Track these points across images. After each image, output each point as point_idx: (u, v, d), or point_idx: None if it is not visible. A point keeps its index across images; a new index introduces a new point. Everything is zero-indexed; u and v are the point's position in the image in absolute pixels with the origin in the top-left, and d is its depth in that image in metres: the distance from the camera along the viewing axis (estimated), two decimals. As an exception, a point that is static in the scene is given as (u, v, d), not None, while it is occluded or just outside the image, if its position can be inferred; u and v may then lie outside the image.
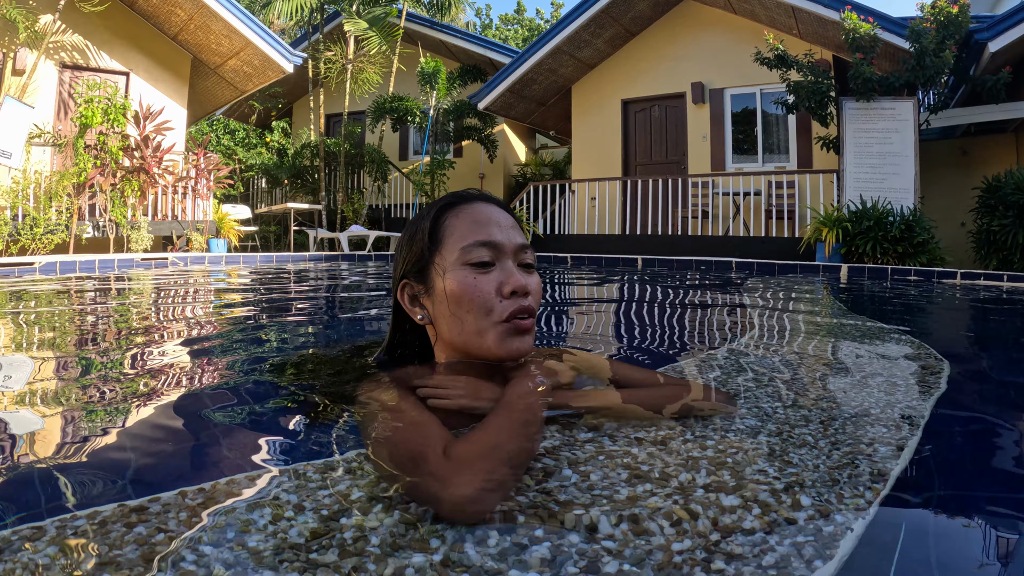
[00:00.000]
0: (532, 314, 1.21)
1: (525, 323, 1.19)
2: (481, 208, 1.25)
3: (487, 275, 1.18)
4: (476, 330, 1.18)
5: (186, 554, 0.61)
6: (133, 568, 0.58)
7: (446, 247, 1.21)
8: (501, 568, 0.60)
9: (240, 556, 0.61)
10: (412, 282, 1.27)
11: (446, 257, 1.21)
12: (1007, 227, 8.06)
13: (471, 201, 1.26)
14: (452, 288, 1.18)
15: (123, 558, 0.59)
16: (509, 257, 1.21)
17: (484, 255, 1.19)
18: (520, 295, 1.18)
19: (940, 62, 8.51)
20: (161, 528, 0.66)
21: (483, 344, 1.19)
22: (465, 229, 1.21)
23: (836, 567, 0.61)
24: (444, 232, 1.23)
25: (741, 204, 10.70)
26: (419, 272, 1.25)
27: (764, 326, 2.69)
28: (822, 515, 0.71)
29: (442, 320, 1.23)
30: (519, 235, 1.25)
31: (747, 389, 1.36)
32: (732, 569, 0.60)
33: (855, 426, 1.08)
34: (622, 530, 0.67)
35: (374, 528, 0.67)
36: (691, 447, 0.94)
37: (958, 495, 0.87)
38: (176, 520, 0.68)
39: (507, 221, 1.25)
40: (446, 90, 13.08)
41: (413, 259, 1.26)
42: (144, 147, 9.63)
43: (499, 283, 1.18)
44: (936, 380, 1.46)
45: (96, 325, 2.63)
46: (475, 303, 1.17)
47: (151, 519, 0.68)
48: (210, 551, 0.62)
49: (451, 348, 1.25)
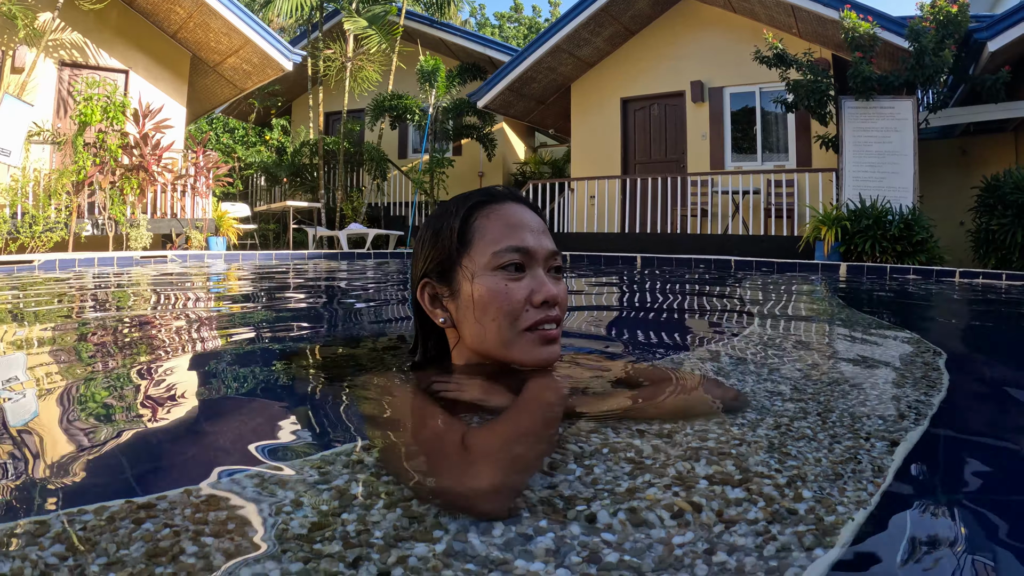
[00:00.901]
0: (559, 323, 1.18)
1: (552, 332, 1.16)
2: (513, 210, 1.20)
3: (519, 282, 1.15)
4: (502, 339, 1.15)
5: (188, 547, 0.61)
6: (136, 566, 0.58)
7: (476, 249, 1.16)
8: (507, 558, 0.60)
9: (243, 547, 0.61)
10: (434, 282, 1.22)
11: (476, 260, 1.16)
12: (1006, 226, 8.07)
13: (502, 200, 1.21)
14: (481, 293, 1.14)
15: (129, 557, 0.60)
16: (540, 264, 1.18)
17: (517, 260, 1.15)
18: (550, 305, 1.16)
19: (939, 61, 8.51)
20: (168, 524, 0.66)
21: (509, 353, 1.16)
22: (498, 232, 1.16)
23: (838, 555, 0.61)
24: (474, 233, 1.17)
25: (740, 203, 10.71)
26: (443, 273, 1.20)
27: (764, 322, 2.69)
28: (823, 506, 0.71)
29: (466, 325, 1.19)
30: (549, 240, 1.21)
31: (747, 382, 1.36)
32: (734, 560, 0.60)
33: (853, 419, 1.08)
34: (620, 520, 0.67)
35: (377, 522, 0.67)
36: (692, 439, 0.94)
37: (962, 486, 0.87)
38: (182, 516, 0.68)
39: (539, 225, 1.21)
40: (445, 88, 13.07)
41: (438, 258, 1.20)
42: (143, 145, 9.62)
43: (530, 291, 1.15)
44: (937, 375, 1.46)
45: (101, 321, 2.63)
46: (503, 311, 1.14)
47: (159, 515, 0.68)
48: (211, 543, 0.62)
49: (473, 353, 1.22)
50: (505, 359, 1.17)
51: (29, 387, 1.35)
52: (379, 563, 0.59)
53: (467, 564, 0.59)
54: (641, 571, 0.58)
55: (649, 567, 0.59)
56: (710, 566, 0.59)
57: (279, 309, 3.27)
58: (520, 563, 0.59)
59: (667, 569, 0.59)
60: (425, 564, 0.59)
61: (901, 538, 0.69)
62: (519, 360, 1.16)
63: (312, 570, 0.57)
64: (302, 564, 0.58)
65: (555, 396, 1.08)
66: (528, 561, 0.60)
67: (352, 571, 0.58)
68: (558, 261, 1.21)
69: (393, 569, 0.58)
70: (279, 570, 0.57)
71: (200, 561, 0.58)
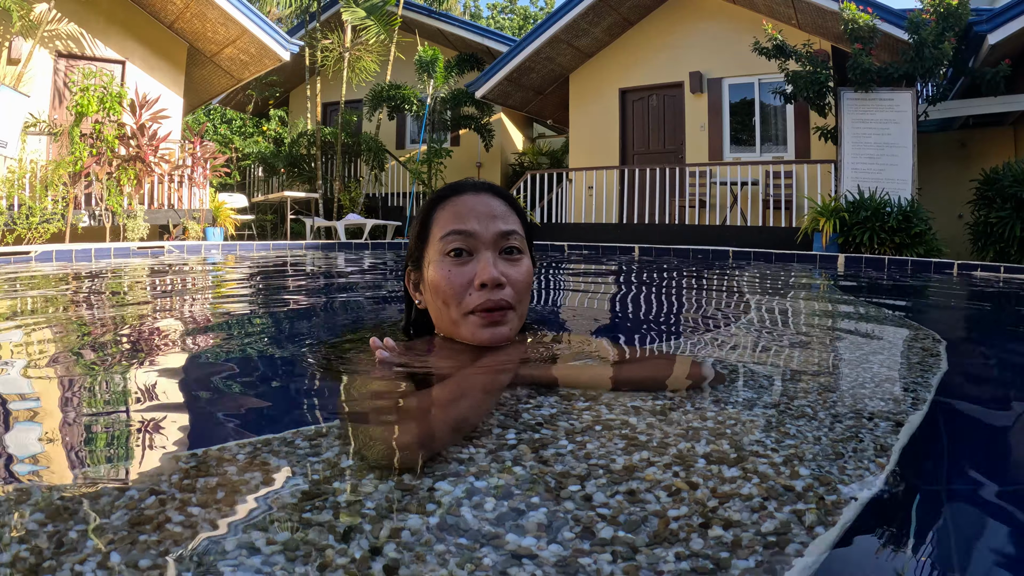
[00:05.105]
0: (505, 306, 1.21)
1: (493, 316, 1.20)
2: (467, 199, 1.27)
3: (463, 267, 1.21)
4: (451, 319, 1.24)
5: (173, 516, 0.60)
6: (118, 533, 0.57)
7: (431, 239, 1.27)
8: (499, 532, 0.60)
9: (228, 516, 0.60)
10: (413, 269, 1.35)
11: (431, 249, 1.26)
12: (1004, 219, 8.07)
13: (461, 192, 1.30)
14: (432, 278, 1.24)
15: (110, 525, 0.59)
16: (488, 247, 1.22)
17: (458, 244, 1.21)
18: (490, 287, 1.19)
19: (939, 54, 8.48)
20: (154, 491, 0.65)
21: (459, 332, 1.24)
22: (445, 220, 1.25)
23: (837, 534, 0.60)
24: (431, 224, 1.28)
25: (739, 194, 10.69)
26: (416, 261, 1.33)
27: (762, 308, 2.68)
28: (824, 484, 0.70)
29: (430, 306, 1.30)
30: (504, 222, 1.25)
31: (747, 366, 1.35)
32: (730, 535, 0.59)
33: (855, 399, 1.08)
34: (617, 500, 0.67)
35: (369, 493, 0.66)
36: (691, 417, 0.93)
37: (967, 468, 0.87)
38: (168, 483, 0.67)
39: (491, 210, 1.25)
40: (443, 78, 13.01)
41: (413, 248, 1.34)
42: (140, 135, 9.57)
43: (474, 274, 1.20)
44: (935, 360, 1.46)
45: (94, 307, 2.62)
46: (447, 294, 1.21)
47: (144, 483, 0.67)
48: (197, 512, 0.61)
49: (441, 332, 1.32)
50: (457, 338, 1.25)
51: (18, 359, 1.34)
52: (371, 536, 0.58)
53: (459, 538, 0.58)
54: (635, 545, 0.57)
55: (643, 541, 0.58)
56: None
57: (271, 295, 3.26)
58: (511, 536, 0.59)
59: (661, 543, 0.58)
60: (419, 539, 0.58)
61: (905, 519, 0.68)
62: (467, 340, 1.23)
63: (300, 540, 0.57)
64: (289, 534, 0.57)
65: (492, 369, 1.10)
66: (520, 536, 0.59)
67: (343, 544, 0.57)
68: (512, 242, 1.25)
69: (385, 545, 0.57)
70: (264, 539, 0.56)
71: (186, 530, 0.58)
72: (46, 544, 0.55)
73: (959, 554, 0.63)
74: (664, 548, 0.57)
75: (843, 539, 0.60)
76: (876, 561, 0.61)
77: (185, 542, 0.56)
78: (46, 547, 0.55)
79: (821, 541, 0.58)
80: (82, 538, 0.56)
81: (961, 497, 0.77)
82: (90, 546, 0.55)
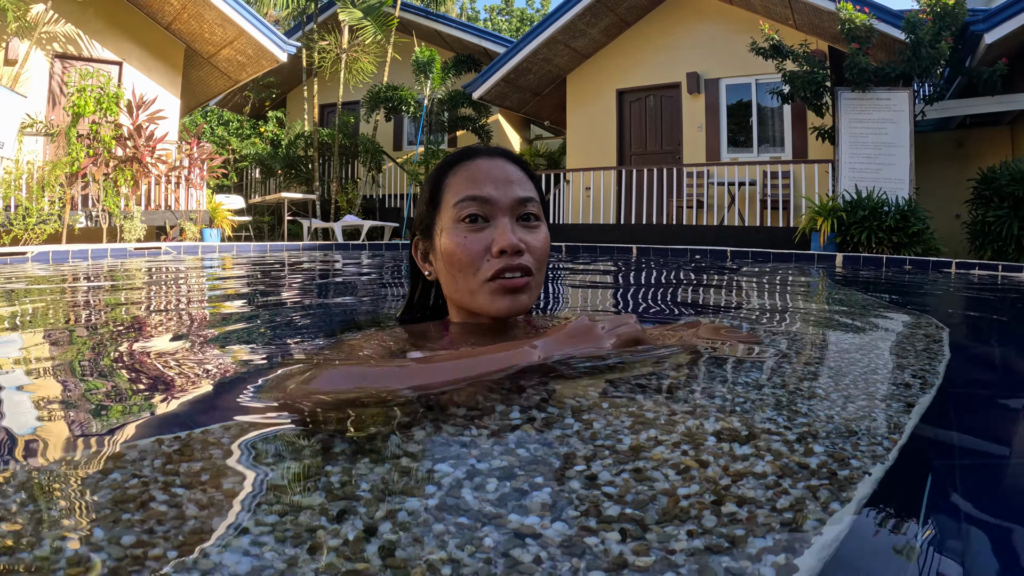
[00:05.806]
0: (526, 272, 1.17)
1: (514, 282, 1.15)
2: (481, 164, 1.22)
3: (479, 233, 1.16)
4: (468, 288, 1.18)
5: (158, 495, 0.57)
6: (101, 511, 0.54)
7: (443, 205, 1.21)
8: (500, 513, 0.57)
9: (215, 498, 0.57)
10: (421, 239, 1.30)
11: (444, 216, 1.20)
12: (1002, 218, 8.07)
13: (474, 157, 1.24)
14: (446, 246, 1.18)
15: (94, 503, 0.56)
16: (505, 213, 1.17)
17: (473, 210, 1.16)
18: (509, 254, 1.15)
19: (936, 53, 8.48)
20: (136, 475, 0.62)
21: (475, 302, 1.18)
22: (460, 186, 1.20)
23: (855, 509, 0.58)
24: (444, 190, 1.22)
25: (736, 194, 10.68)
26: (425, 230, 1.27)
27: (765, 302, 2.66)
28: (837, 461, 0.68)
29: (443, 277, 1.24)
30: (521, 188, 1.20)
31: (752, 351, 1.33)
32: (744, 511, 0.57)
33: (867, 383, 1.05)
34: (623, 479, 0.64)
35: (364, 475, 0.64)
36: (699, 397, 0.91)
37: (978, 445, 0.85)
38: (151, 467, 0.64)
39: (507, 175, 1.20)
40: (441, 80, 13.00)
41: (421, 217, 1.28)
42: (137, 136, 9.53)
43: (491, 240, 1.16)
44: (939, 347, 1.43)
45: (92, 306, 2.59)
46: (463, 262, 1.16)
47: (127, 465, 0.64)
48: (183, 493, 0.58)
49: (455, 305, 1.26)
50: (473, 309, 1.20)
51: (12, 349, 1.31)
52: (365, 517, 0.55)
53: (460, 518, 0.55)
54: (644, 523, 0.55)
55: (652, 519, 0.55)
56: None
57: (266, 293, 3.23)
58: (513, 517, 0.56)
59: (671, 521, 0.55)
60: (416, 519, 0.55)
61: (920, 494, 0.66)
62: (484, 310, 1.18)
63: (291, 522, 0.54)
64: (278, 516, 0.54)
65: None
66: (522, 516, 0.56)
67: (336, 525, 0.54)
68: (530, 208, 1.21)
69: (381, 524, 0.54)
70: (253, 520, 0.53)
71: (172, 510, 0.55)
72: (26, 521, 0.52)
73: (973, 524, 0.61)
74: (675, 526, 0.54)
75: (859, 513, 0.58)
76: (892, 536, 0.59)
77: (170, 522, 0.53)
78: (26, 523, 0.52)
79: (839, 516, 0.56)
80: (65, 516, 0.54)
81: (974, 471, 0.74)
82: (72, 523, 0.52)
